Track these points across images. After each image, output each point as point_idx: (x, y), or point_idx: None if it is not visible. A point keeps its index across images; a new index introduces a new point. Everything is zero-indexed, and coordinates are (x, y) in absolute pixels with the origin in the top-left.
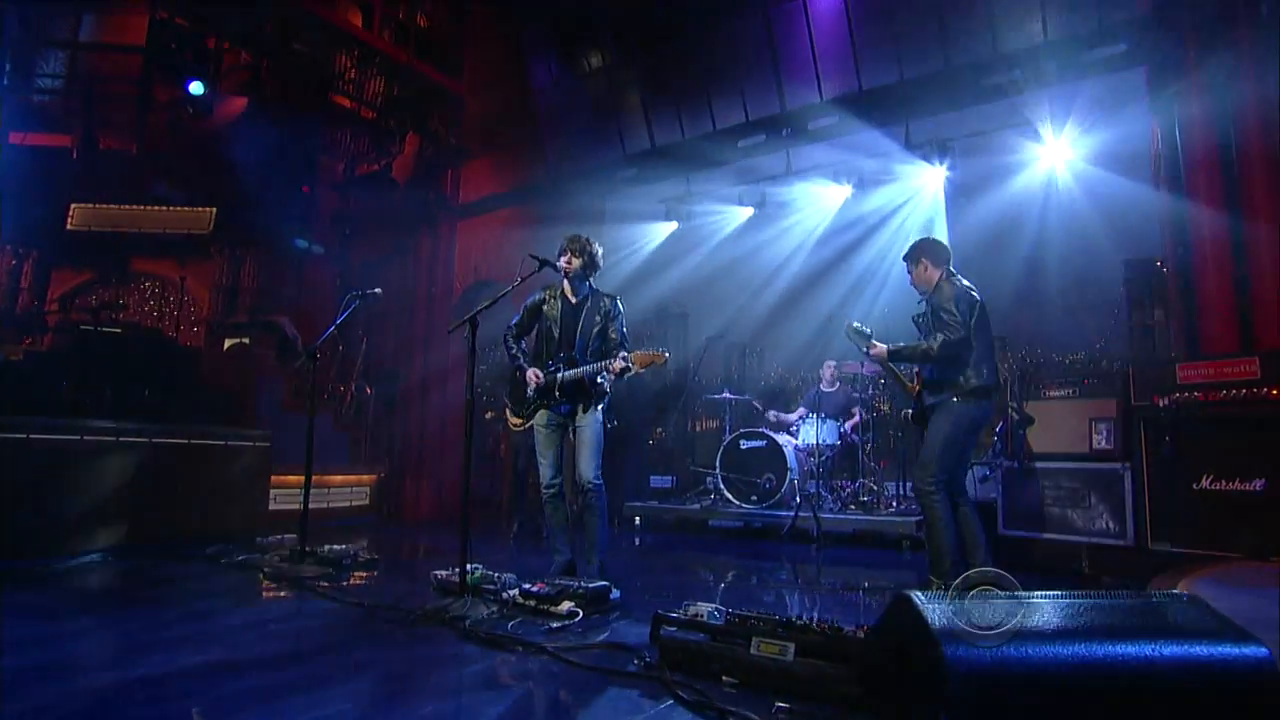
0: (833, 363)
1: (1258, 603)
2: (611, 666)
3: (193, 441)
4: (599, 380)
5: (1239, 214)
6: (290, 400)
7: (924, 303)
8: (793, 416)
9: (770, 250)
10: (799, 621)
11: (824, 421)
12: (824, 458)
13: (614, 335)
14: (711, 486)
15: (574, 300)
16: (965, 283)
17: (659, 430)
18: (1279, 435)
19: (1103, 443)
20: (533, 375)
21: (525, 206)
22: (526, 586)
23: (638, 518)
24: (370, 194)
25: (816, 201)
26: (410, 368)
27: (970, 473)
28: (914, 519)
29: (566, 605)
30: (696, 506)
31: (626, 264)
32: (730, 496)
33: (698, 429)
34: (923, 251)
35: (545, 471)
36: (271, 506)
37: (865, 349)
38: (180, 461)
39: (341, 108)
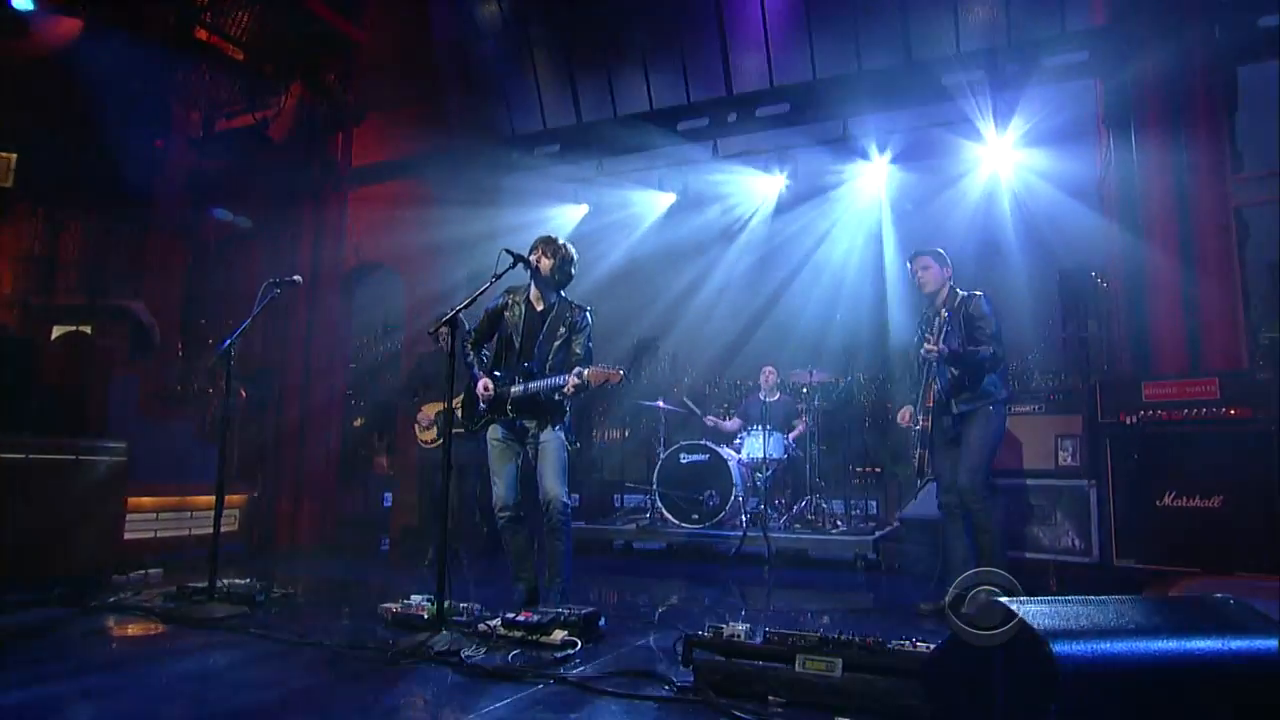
0: (771, 368)
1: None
2: (647, 693)
3: (31, 456)
4: (556, 397)
5: (1190, 234)
6: (148, 403)
7: (944, 312)
8: (731, 424)
9: (694, 242)
10: (841, 637)
11: (770, 434)
12: (769, 472)
13: (578, 350)
14: (635, 506)
15: (539, 308)
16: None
17: None
18: (1236, 453)
19: (1069, 459)
20: (482, 386)
21: (415, 180)
22: (510, 616)
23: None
24: (238, 153)
25: (747, 191)
26: (289, 366)
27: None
28: (869, 538)
29: (560, 634)
30: (631, 526)
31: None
32: (669, 515)
33: (601, 440)
34: (947, 258)
35: (501, 493)
36: (125, 535)
37: (925, 345)
38: (11, 481)
39: (199, 43)
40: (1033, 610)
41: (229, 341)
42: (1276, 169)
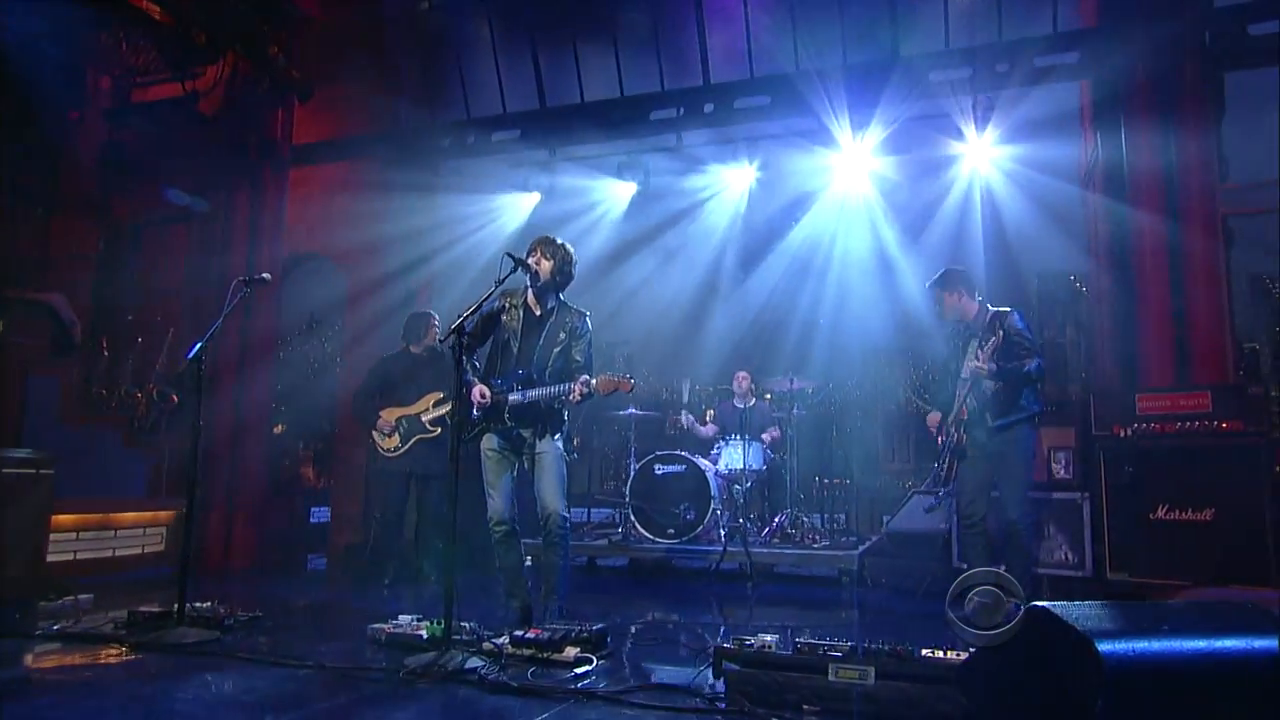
0: (744, 373)
1: None
2: (683, 705)
3: None
4: (556, 406)
5: (1179, 241)
6: (71, 410)
7: (972, 335)
8: (707, 430)
9: (658, 235)
10: (871, 646)
11: (750, 443)
12: (748, 484)
13: (578, 357)
14: (602, 520)
15: (538, 312)
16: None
17: None
18: (1227, 466)
19: (1061, 472)
20: (478, 393)
21: (354, 164)
22: (519, 634)
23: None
24: (162, 127)
25: (715, 182)
26: (221, 369)
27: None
28: (854, 552)
29: (573, 651)
30: (602, 542)
31: (474, 246)
32: (643, 530)
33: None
34: (959, 281)
35: (497, 506)
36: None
37: (974, 364)
38: None
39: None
40: (1073, 613)
41: (200, 345)
42: (1264, 178)
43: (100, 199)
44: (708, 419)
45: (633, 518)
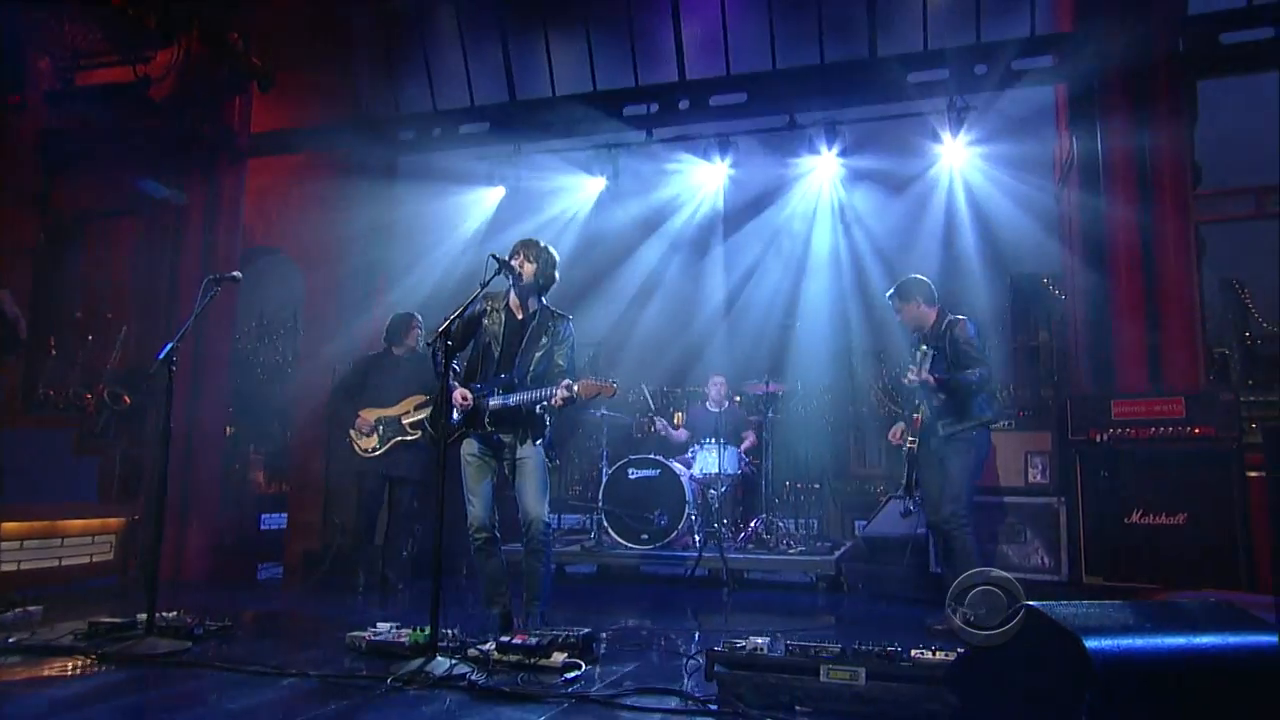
0: (720, 378)
1: None
2: (678, 708)
3: None
4: (537, 410)
5: (1152, 246)
6: (15, 411)
7: (924, 348)
8: (680, 435)
9: (627, 232)
10: (861, 648)
11: (725, 448)
12: (723, 489)
13: (560, 361)
14: (571, 526)
15: (520, 316)
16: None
17: None
18: (1200, 472)
19: (1038, 476)
20: (459, 396)
21: (310, 156)
22: (505, 640)
23: None
24: (108, 112)
25: (686, 179)
26: (176, 368)
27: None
28: (830, 558)
29: (560, 657)
30: (575, 548)
31: (437, 241)
32: (616, 536)
33: None
34: (916, 290)
35: (477, 513)
36: None
37: (919, 375)
38: None
39: None
40: (1065, 613)
41: (170, 346)
42: (1236, 185)
43: (40, 188)
44: (677, 422)
45: (605, 523)
